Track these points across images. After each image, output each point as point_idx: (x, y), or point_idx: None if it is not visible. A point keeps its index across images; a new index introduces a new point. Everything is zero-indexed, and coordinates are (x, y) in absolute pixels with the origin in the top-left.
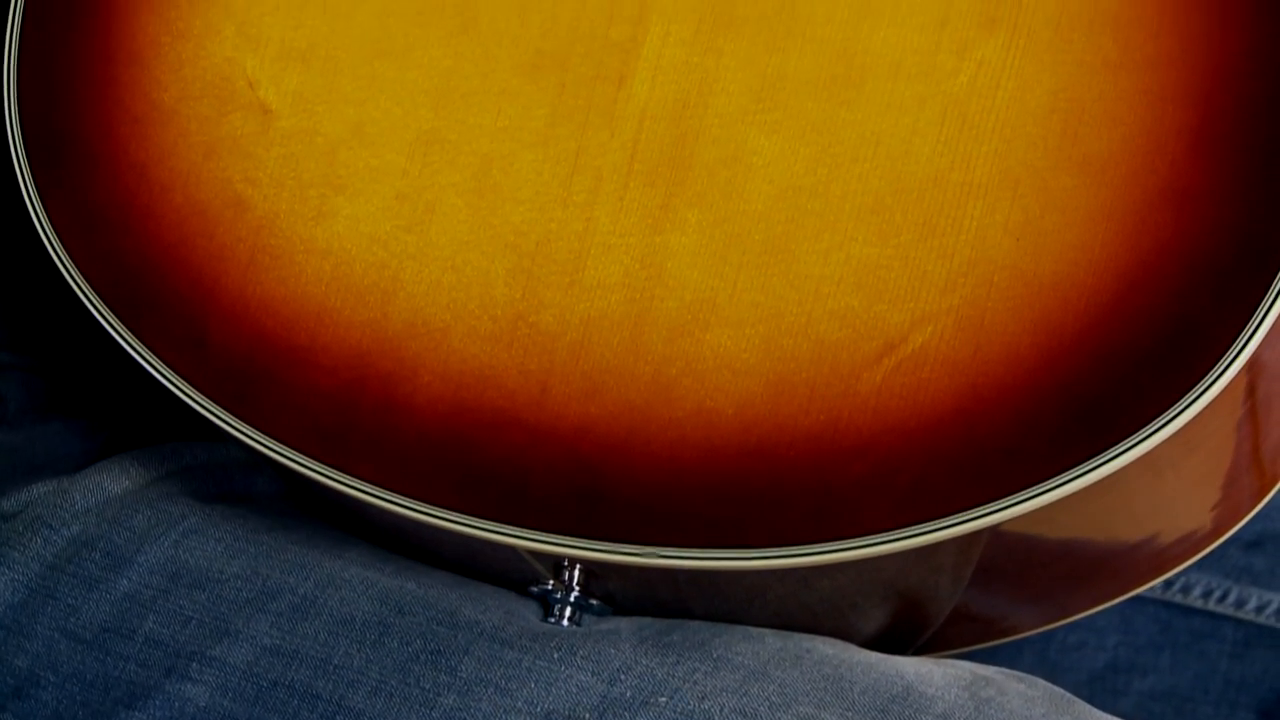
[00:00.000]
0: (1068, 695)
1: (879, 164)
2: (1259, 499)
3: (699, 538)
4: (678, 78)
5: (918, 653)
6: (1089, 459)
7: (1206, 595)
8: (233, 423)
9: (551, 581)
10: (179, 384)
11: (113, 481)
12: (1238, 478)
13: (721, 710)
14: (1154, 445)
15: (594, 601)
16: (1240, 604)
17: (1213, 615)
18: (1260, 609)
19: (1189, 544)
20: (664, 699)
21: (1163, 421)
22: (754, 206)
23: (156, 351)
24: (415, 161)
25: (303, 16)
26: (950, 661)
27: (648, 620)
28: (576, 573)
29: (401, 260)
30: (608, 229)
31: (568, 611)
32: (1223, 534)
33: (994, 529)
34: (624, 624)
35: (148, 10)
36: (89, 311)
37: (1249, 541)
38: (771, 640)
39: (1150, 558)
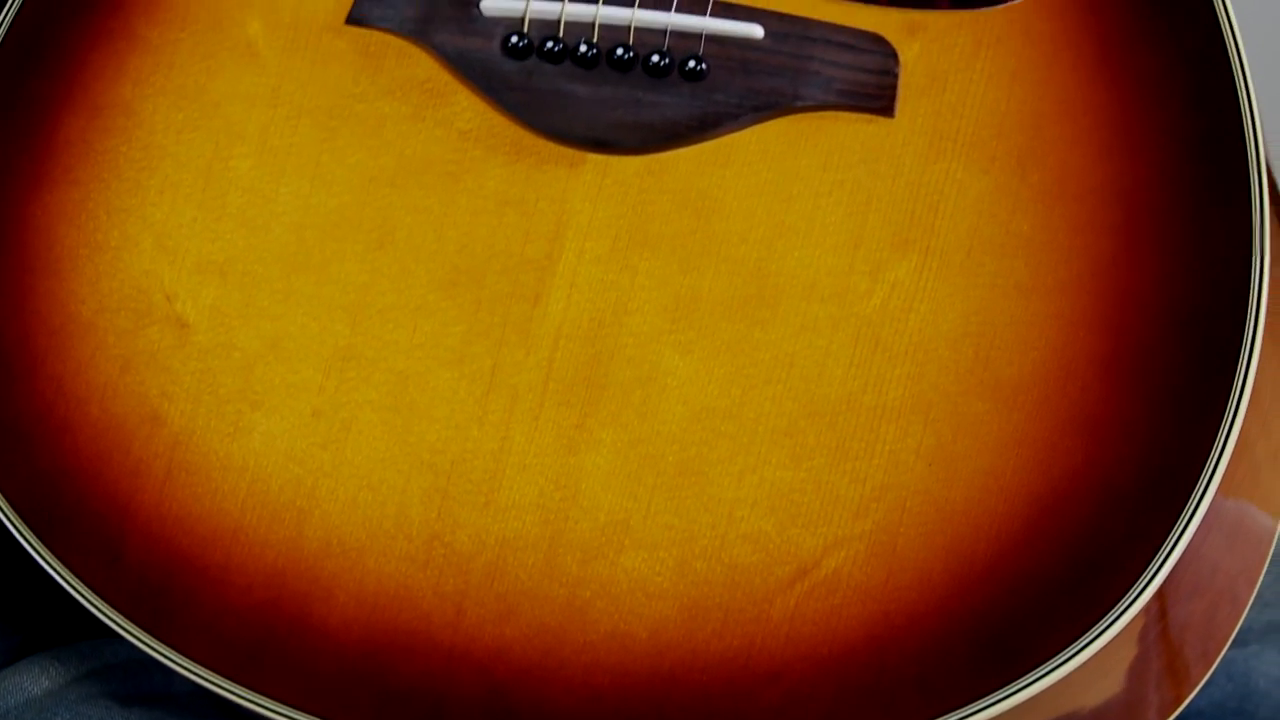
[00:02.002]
0: None
1: (793, 386)
2: (1173, 708)
3: None
4: (593, 296)
5: None
6: (999, 689)
7: None
8: (147, 640)
9: None
10: (93, 599)
11: (32, 682)
12: (1148, 695)
13: None
14: (1065, 674)
15: None
16: None
17: None
18: None
19: None
20: None
21: (1073, 651)
22: (668, 427)
23: (70, 566)
24: (332, 378)
25: (220, 229)
26: None
27: None
28: None
29: (317, 478)
30: (523, 449)
31: None
32: None
33: None
34: None
35: (66, 222)
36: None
37: None
38: None
39: None
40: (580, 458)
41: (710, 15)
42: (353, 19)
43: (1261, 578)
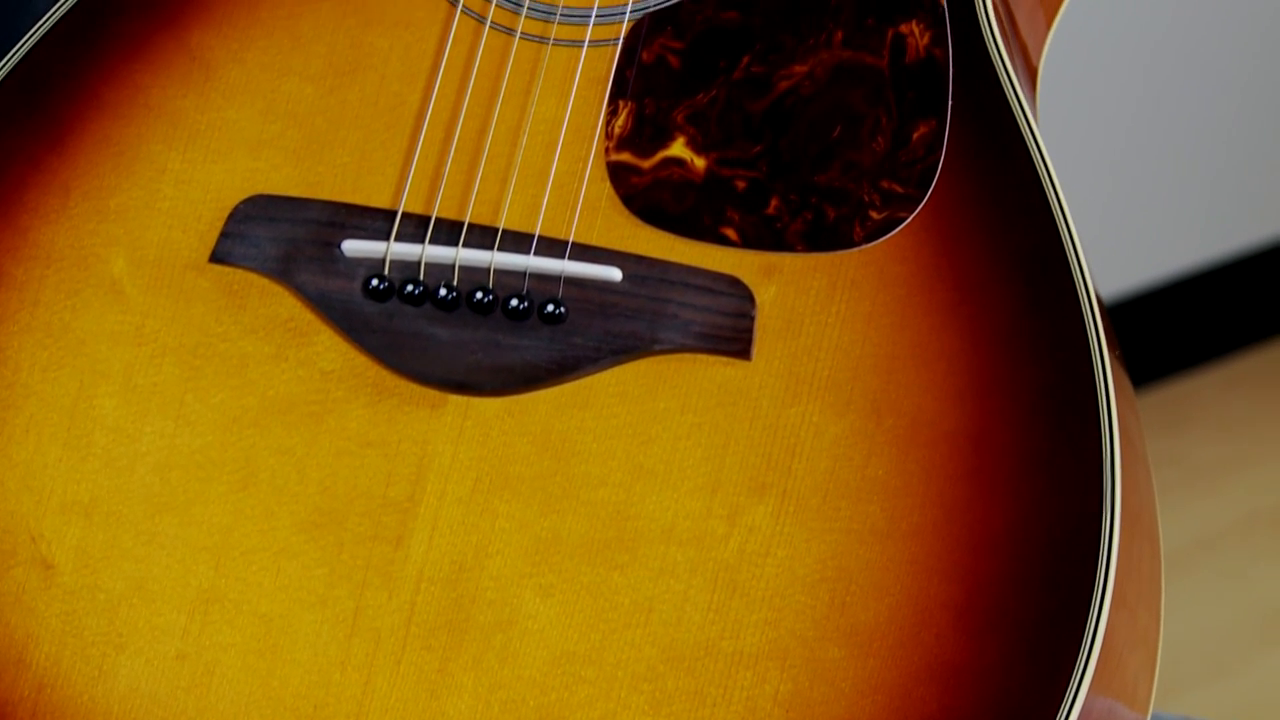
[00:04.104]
0: None
1: (652, 630)
2: None
3: None
4: (454, 539)
5: None
6: None
7: None
8: None
9: None
10: None
11: None
12: None
13: None
14: None
15: None
16: None
17: None
18: None
19: None
20: None
21: None
22: (529, 672)
23: None
24: (195, 620)
25: (85, 469)
26: None
27: None
28: None
29: None
30: (385, 693)
31: None
32: None
33: None
34: None
35: None
36: None
37: None
38: None
39: None
40: (442, 702)
41: (568, 258)
42: (216, 257)
43: None
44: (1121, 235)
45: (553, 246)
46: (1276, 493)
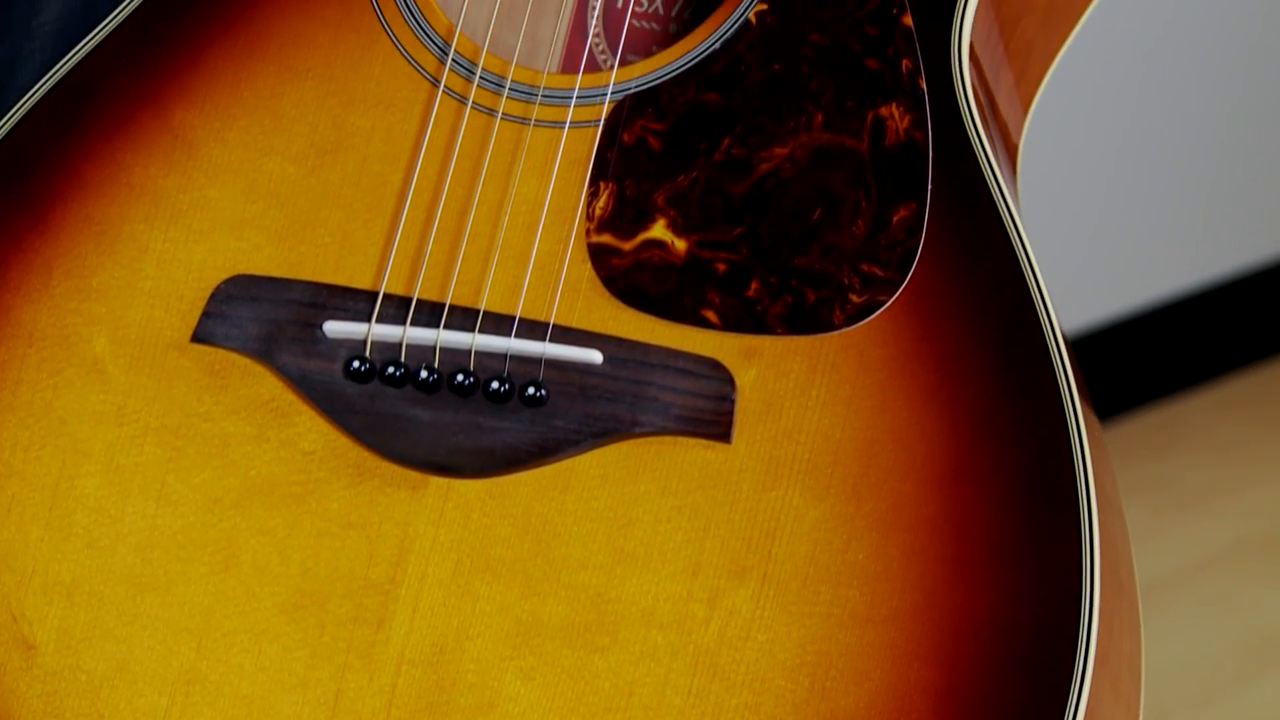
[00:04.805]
0: None
1: (632, 714)
2: None
3: None
4: (435, 621)
5: None
6: None
7: None
8: None
9: None
10: None
11: None
12: None
13: None
14: None
15: None
16: None
17: None
18: None
19: None
20: None
21: None
22: None
23: None
24: (176, 702)
25: (67, 549)
26: None
27: None
28: None
29: None
30: None
31: None
32: None
33: None
34: None
35: None
36: None
37: None
38: None
39: None
40: None
41: (549, 341)
42: (198, 337)
43: None
44: (1112, 258)
45: (534, 329)
46: (1266, 516)
